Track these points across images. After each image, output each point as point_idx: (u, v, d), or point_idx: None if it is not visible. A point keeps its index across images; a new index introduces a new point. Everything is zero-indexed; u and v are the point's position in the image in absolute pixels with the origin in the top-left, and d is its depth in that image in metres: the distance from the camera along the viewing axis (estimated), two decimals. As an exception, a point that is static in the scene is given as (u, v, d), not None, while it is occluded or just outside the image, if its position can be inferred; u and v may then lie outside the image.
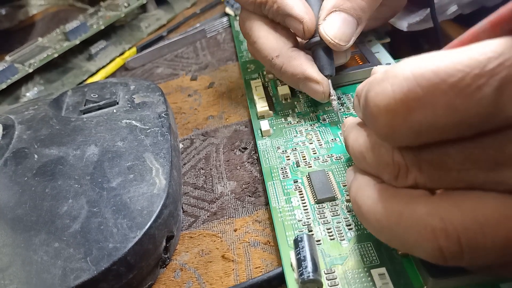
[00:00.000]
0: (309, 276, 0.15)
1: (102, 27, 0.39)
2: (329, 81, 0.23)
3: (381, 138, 0.13)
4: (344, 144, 0.18)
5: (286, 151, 0.23)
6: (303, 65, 0.23)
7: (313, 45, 0.23)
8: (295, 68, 0.23)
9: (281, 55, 0.23)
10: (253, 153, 0.25)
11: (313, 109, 0.25)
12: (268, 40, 0.24)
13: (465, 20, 0.29)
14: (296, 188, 0.20)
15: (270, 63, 0.24)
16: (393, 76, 0.12)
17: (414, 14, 0.27)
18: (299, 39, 0.25)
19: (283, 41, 0.24)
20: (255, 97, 0.26)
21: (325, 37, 0.22)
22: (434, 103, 0.11)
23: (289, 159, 0.22)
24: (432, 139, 0.12)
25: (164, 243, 0.19)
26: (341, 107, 0.24)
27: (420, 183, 0.13)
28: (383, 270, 0.16)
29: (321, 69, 0.23)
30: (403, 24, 0.27)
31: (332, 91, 0.23)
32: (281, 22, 0.24)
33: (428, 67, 0.11)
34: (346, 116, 0.24)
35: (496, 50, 0.10)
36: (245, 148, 0.25)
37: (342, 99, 0.25)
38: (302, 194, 0.20)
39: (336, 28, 0.22)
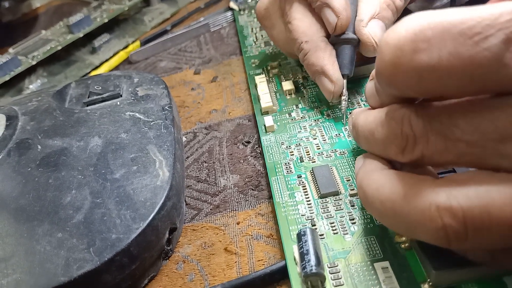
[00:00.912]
0: (312, 269, 0.15)
1: (106, 21, 0.39)
2: (345, 81, 0.23)
3: (384, 81, 0.13)
4: (351, 132, 0.18)
5: (290, 146, 0.23)
6: (325, 59, 0.23)
7: (342, 41, 0.23)
8: (317, 59, 0.23)
9: (310, 42, 0.24)
10: (256, 147, 0.25)
11: (317, 104, 0.25)
12: (303, 23, 0.24)
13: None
14: (299, 183, 0.20)
15: (299, 46, 0.24)
16: (408, 20, 0.12)
17: (435, 0, 0.28)
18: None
19: (317, 29, 0.24)
20: (259, 93, 0.26)
21: (370, 39, 0.22)
22: (441, 46, 0.11)
23: (293, 155, 0.22)
24: (434, 89, 0.12)
25: (167, 235, 0.19)
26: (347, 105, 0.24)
27: (426, 156, 0.13)
28: (386, 263, 0.16)
29: (341, 67, 0.23)
30: (419, 9, 0.29)
31: (345, 91, 0.23)
32: (316, 10, 0.24)
33: (442, 15, 0.11)
34: (350, 112, 0.24)
35: (510, 8, 0.11)
36: (248, 142, 0.25)
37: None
38: (305, 189, 0.20)
39: (378, 33, 0.22)
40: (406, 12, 0.30)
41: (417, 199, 0.12)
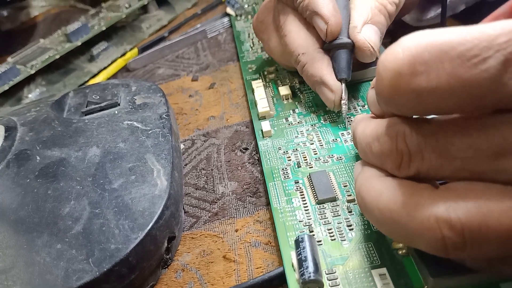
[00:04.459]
0: (310, 276, 0.16)
1: (104, 28, 0.39)
2: (343, 85, 0.23)
3: (383, 102, 0.13)
4: (352, 138, 0.19)
5: (287, 151, 0.23)
6: (324, 69, 0.23)
7: (336, 47, 0.23)
8: (315, 69, 0.23)
9: (307, 54, 0.24)
10: (254, 154, 0.25)
11: (314, 109, 0.25)
12: (299, 36, 0.24)
13: (467, 16, 0.29)
14: (297, 188, 0.20)
15: (296, 59, 0.24)
16: (405, 41, 0.12)
17: (427, 10, 0.29)
18: None
19: (312, 40, 0.24)
20: (256, 98, 0.26)
21: (366, 43, 0.22)
22: (439, 69, 0.11)
23: (290, 160, 0.22)
24: (432, 108, 0.12)
25: (165, 244, 0.19)
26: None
27: (422, 172, 0.13)
28: (384, 270, 0.16)
29: (338, 71, 0.23)
30: (413, 20, 0.29)
31: (344, 96, 0.23)
32: (308, 19, 0.24)
33: (439, 36, 0.11)
34: (349, 116, 0.24)
35: (507, 28, 0.11)
36: (246, 149, 0.25)
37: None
38: (303, 194, 0.20)
39: (373, 37, 0.23)
40: (401, 23, 0.30)
41: (416, 209, 0.12)
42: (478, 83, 0.11)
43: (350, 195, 0.19)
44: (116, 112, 0.25)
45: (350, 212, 0.19)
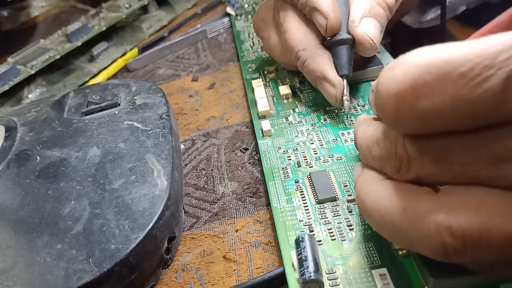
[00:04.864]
0: (310, 276, 0.16)
1: (104, 29, 0.39)
2: (345, 81, 0.23)
3: (388, 124, 0.13)
4: (354, 139, 0.19)
5: (287, 151, 0.23)
6: (325, 64, 0.23)
7: (337, 43, 0.23)
8: (316, 65, 0.23)
9: (307, 49, 0.24)
10: (254, 154, 0.25)
11: (314, 109, 0.25)
12: (299, 32, 0.24)
13: (468, 18, 0.29)
14: (297, 188, 0.20)
15: (296, 55, 0.24)
16: (405, 63, 0.12)
17: (427, 12, 0.28)
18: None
19: (312, 36, 0.24)
20: (256, 97, 0.26)
21: (365, 36, 0.22)
22: (442, 91, 0.11)
23: (290, 159, 0.22)
24: (437, 128, 0.12)
25: (166, 244, 0.19)
26: (350, 107, 0.24)
27: (422, 177, 0.13)
28: (384, 270, 0.16)
29: (339, 67, 0.23)
30: (414, 22, 0.29)
31: (346, 91, 0.23)
32: (307, 15, 0.24)
33: (439, 56, 0.11)
34: (348, 116, 0.24)
35: (508, 43, 0.11)
36: (246, 149, 0.25)
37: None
38: (303, 194, 0.20)
39: (372, 30, 0.23)
40: (400, 25, 0.30)
41: (416, 215, 0.12)
42: (482, 102, 0.11)
43: (350, 195, 0.19)
44: (116, 112, 0.25)
45: (350, 212, 0.19)
